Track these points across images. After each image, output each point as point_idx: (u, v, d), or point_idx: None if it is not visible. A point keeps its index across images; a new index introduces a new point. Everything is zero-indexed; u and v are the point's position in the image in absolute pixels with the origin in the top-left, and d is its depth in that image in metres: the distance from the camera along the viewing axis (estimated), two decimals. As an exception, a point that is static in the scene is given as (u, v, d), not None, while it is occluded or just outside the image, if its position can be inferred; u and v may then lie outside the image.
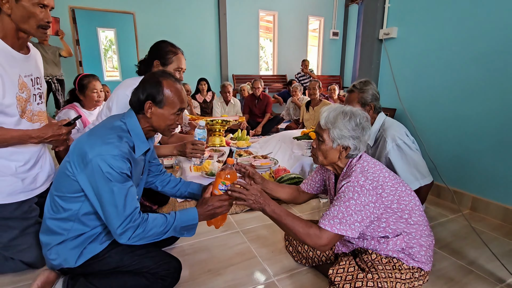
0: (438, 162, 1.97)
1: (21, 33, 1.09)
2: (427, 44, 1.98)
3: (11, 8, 1.01)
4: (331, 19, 7.26)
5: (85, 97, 2.01)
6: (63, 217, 0.97)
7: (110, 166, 0.88)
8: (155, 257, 1.08)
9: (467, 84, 1.78)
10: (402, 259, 1.01)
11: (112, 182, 0.89)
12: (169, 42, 1.49)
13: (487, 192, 1.74)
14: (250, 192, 1.01)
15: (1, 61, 1.02)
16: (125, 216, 0.91)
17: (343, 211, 0.95)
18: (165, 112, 1.01)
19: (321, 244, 0.95)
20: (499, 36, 1.61)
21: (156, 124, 1.03)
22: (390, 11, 2.19)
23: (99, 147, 0.89)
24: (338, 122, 1.00)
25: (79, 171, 0.91)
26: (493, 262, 1.27)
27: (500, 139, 1.65)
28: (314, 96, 3.47)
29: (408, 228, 1.01)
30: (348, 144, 1.01)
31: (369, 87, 1.54)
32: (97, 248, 1.03)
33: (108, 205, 0.90)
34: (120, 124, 0.99)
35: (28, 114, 1.14)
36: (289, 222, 0.99)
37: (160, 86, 1.00)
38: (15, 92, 1.07)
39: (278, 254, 1.37)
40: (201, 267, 1.28)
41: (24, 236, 1.16)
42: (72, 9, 4.78)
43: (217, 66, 6.19)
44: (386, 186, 0.98)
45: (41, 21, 1.06)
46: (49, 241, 1.00)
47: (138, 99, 1.00)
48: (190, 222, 1.03)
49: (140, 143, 1.01)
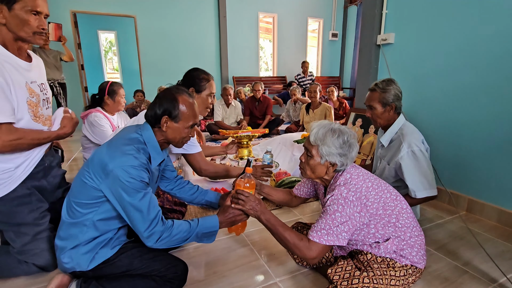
0: (435, 164, 2.02)
1: (20, 42, 1.12)
2: (424, 50, 2.03)
3: (5, 18, 1.04)
4: (330, 20, 7.31)
5: (113, 102, 2.16)
6: (79, 221, 1.03)
7: (131, 176, 0.94)
8: (163, 260, 1.13)
9: (463, 90, 1.83)
10: (395, 258, 1.07)
11: (135, 190, 0.95)
12: (201, 69, 1.61)
13: (483, 194, 1.80)
14: (249, 199, 1.10)
15: (8, 70, 1.05)
16: (150, 220, 0.98)
17: (329, 224, 1.01)
18: (179, 126, 1.08)
19: (311, 256, 1.02)
20: (495, 43, 1.66)
21: (171, 137, 1.10)
22: (388, 18, 2.25)
23: (119, 158, 0.95)
24: (327, 139, 1.06)
25: (100, 181, 0.97)
26: (487, 263, 1.32)
27: (495, 144, 1.70)
28: (314, 99, 3.52)
29: (396, 232, 1.07)
30: (335, 161, 1.07)
31: (391, 87, 1.51)
32: (108, 253, 1.08)
33: (133, 211, 0.96)
34: (137, 136, 1.05)
35: (41, 119, 1.20)
36: (281, 232, 1.06)
37: (176, 102, 1.06)
38: (26, 97, 1.11)
39: (280, 256, 1.42)
40: (206, 269, 1.33)
41: (37, 241, 1.22)
42: (73, 13, 4.83)
43: (217, 68, 6.24)
44: (369, 195, 1.04)
45: (35, 28, 1.09)
46: (63, 245, 1.06)
47: (154, 114, 1.06)
48: (211, 229, 1.11)
49: (156, 154, 1.08)
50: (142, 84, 5.57)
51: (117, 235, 1.14)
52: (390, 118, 1.55)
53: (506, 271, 1.27)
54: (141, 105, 4.66)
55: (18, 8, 1.03)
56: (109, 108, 2.19)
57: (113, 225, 1.09)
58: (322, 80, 7.32)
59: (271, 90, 6.62)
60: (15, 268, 1.22)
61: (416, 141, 1.46)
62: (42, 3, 1.09)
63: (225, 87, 4.17)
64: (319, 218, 1.06)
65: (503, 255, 1.42)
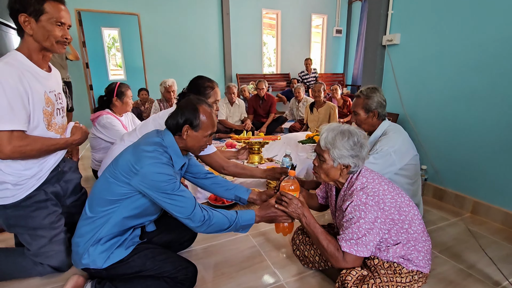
0: (439, 166, 2.04)
1: (44, 51, 1.17)
2: (429, 51, 2.02)
3: (33, 29, 1.10)
4: (335, 16, 7.25)
5: (122, 103, 2.21)
6: (100, 217, 1.09)
7: (159, 172, 1.02)
8: (174, 262, 1.17)
9: (468, 92, 1.83)
10: (402, 263, 1.08)
11: (165, 183, 1.03)
12: (206, 77, 1.65)
13: (488, 196, 1.81)
14: (291, 202, 1.15)
15: (28, 78, 1.10)
16: (193, 205, 1.07)
17: (356, 232, 1.02)
18: (199, 135, 1.14)
19: (346, 267, 1.04)
20: (500, 46, 1.65)
21: (190, 145, 1.15)
22: (393, 18, 2.23)
23: (146, 159, 1.02)
24: (337, 143, 1.07)
25: (130, 179, 1.03)
26: (491, 266, 1.33)
27: (500, 146, 1.70)
28: (318, 98, 3.52)
29: (408, 238, 1.08)
30: (348, 163, 1.08)
31: (375, 94, 1.58)
32: (123, 253, 1.13)
33: (170, 201, 1.04)
34: (159, 140, 1.11)
35: (54, 127, 1.23)
36: (320, 239, 1.09)
37: (197, 112, 1.12)
38: (42, 106, 1.15)
39: (287, 257, 1.45)
40: (215, 271, 1.36)
41: (52, 243, 1.25)
42: (78, 11, 4.84)
43: (221, 65, 6.23)
44: (386, 198, 1.05)
45: (59, 38, 1.14)
46: (82, 241, 1.10)
47: (176, 123, 1.12)
48: (248, 222, 1.18)
49: (177, 158, 1.14)
50: (146, 82, 5.59)
51: (131, 236, 1.19)
52: (374, 124, 1.62)
53: (509, 274, 1.29)
54: (145, 104, 4.67)
55: (44, 19, 1.10)
56: (117, 110, 2.23)
57: (131, 223, 1.14)
58: (325, 77, 7.29)
59: (274, 87, 6.61)
60: (30, 269, 1.27)
61: (388, 145, 1.52)
62: (66, 14, 1.14)
63: (229, 86, 4.18)
64: (344, 228, 1.06)
65: (508, 258, 1.43)
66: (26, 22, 1.09)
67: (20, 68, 1.08)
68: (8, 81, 1.02)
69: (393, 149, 1.56)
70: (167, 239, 1.39)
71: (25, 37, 1.13)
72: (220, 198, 1.98)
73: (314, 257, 1.33)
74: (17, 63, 1.09)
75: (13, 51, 1.13)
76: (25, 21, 1.08)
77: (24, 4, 1.06)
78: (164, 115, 1.57)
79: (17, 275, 1.28)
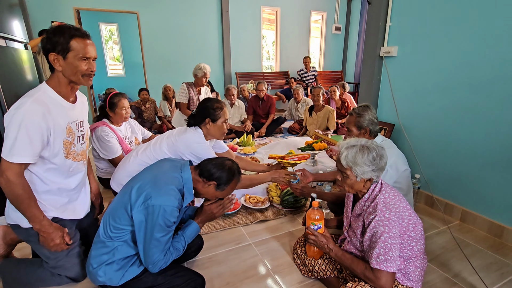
0: (431, 176, 2.14)
1: (72, 84, 1.26)
2: (425, 65, 2.10)
3: (61, 66, 1.19)
4: (334, 13, 7.24)
5: (115, 114, 2.20)
6: (114, 241, 1.18)
7: (166, 217, 1.11)
8: (184, 276, 1.27)
9: (460, 107, 1.91)
10: (398, 278, 1.17)
11: (164, 227, 1.12)
12: (213, 99, 1.72)
13: (475, 206, 1.92)
14: (318, 239, 1.31)
15: (53, 113, 1.18)
16: (164, 250, 1.15)
17: (383, 247, 1.07)
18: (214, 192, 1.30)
19: (381, 284, 1.07)
20: (491, 65, 1.73)
21: (202, 192, 1.31)
22: (391, 30, 2.29)
23: (162, 197, 1.11)
24: (358, 160, 1.14)
25: (138, 209, 1.12)
26: (475, 275, 1.45)
27: (488, 159, 1.80)
28: (317, 102, 3.59)
29: (411, 255, 1.17)
30: (370, 176, 1.16)
31: (366, 113, 1.68)
32: (136, 271, 1.23)
33: (152, 242, 1.12)
34: (178, 177, 1.21)
35: (73, 155, 1.31)
36: (350, 265, 1.19)
37: (230, 181, 1.28)
38: (63, 137, 1.24)
39: (288, 267, 1.56)
40: (220, 280, 1.46)
41: (69, 257, 1.35)
42: (77, 10, 4.81)
43: (220, 64, 6.25)
44: (405, 215, 1.13)
45: (84, 72, 1.23)
46: (99, 261, 1.20)
47: (208, 175, 1.26)
48: (195, 233, 1.33)
49: (189, 195, 1.24)
50: (146, 81, 5.61)
51: None
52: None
53: (491, 283, 1.41)
54: (146, 103, 4.72)
55: (71, 56, 1.18)
56: (114, 120, 2.24)
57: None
58: (324, 75, 7.33)
59: (273, 85, 6.65)
60: (48, 280, 1.37)
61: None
62: (91, 48, 1.22)
63: (228, 88, 4.23)
64: (371, 246, 1.12)
65: (490, 267, 1.55)
66: (55, 60, 1.18)
67: (48, 103, 1.17)
68: (33, 119, 1.11)
69: (389, 164, 1.65)
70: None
71: (55, 72, 1.22)
72: None
73: (314, 266, 1.44)
74: (45, 99, 1.17)
75: (43, 85, 1.22)
76: (54, 59, 1.18)
77: (53, 44, 1.15)
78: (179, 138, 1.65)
79: (36, 285, 1.37)
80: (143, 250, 1.14)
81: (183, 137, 1.65)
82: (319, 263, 1.43)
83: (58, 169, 1.26)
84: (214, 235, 1.85)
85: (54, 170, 1.26)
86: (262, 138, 4.28)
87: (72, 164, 1.32)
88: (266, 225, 1.97)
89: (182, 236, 1.27)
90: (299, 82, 6.35)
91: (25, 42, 1.99)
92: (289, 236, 1.83)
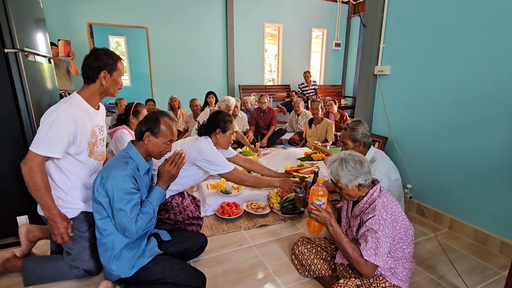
0: (421, 186, 2.29)
1: (103, 95, 1.49)
2: (415, 84, 2.28)
3: (107, 82, 1.42)
4: (334, 30, 7.54)
5: (137, 121, 2.44)
6: (106, 234, 1.33)
7: (120, 186, 1.25)
8: (188, 272, 1.40)
9: (447, 123, 2.08)
10: (387, 276, 1.29)
11: (123, 195, 1.25)
12: (224, 112, 1.89)
13: (462, 214, 2.05)
14: (321, 213, 1.35)
15: (82, 118, 1.38)
16: (132, 217, 1.28)
17: (376, 242, 1.21)
18: (152, 141, 1.40)
19: (366, 272, 1.23)
20: (474, 84, 1.90)
21: (151, 150, 1.40)
22: (385, 51, 2.49)
23: (111, 171, 1.27)
24: (340, 172, 1.30)
25: (99, 192, 1.28)
26: (459, 277, 1.57)
27: (473, 171, 1.95)
28: (316, 115, 3.78)
29: (401, 256, 1.30)
30: (358, 182, 1.30)
31: (359, 127, 1.86)
32: (145, 261, 1.38)
33: (119, 212, 1.26)
34: (124, 154, 1.36)
35: (95, 154, 1.51)
36: (345, 246, 1.27)
37: (158, 121, 1.38)
38: (88, 138, 1.43)
39: (286, 266, 1.69)
40: (224, 277, 1.59)
41: (88, 249, 1.50)
42: (90, 24, 5.09)
43: (224, 77, 6.50)
44: (399, 219, 1.27)
45: (119, 86, 1.49)
46: (106, 258, 1.35)
47: (140, 131, 1.38)
48: (159, 196, 1.41)
49: (142, 163, 1.38)
50: (153, 93, 5.83)
51: (149, 246, 1.43)
52: (362, 152, 1.88)
53: (472, 285, 1.53)
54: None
55: (115, 74, 1.44)
56: (134, 127, 2.46)
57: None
58: (324, 89, 7.57)
59: (275, 98, 6.88)
60: (67, 272, 1.50)
61: (375, 171, 1.80)
62: (123, 68, 1.50)
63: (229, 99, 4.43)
64: (365, 239, 1.23)
65: (473, 270, 1.68)
66: (105, 77, 1.41)
67: (78, 109, 1.38)
68: (64, 122, 1.30)
69: (382, 173, 1.82)
70: (183, 247, 1.63)
71: (91, 85, 1.43)
72: (227, 211, 2.21)
73: (310, 266, 1.57)
74: (76, 106, 1.38)
75: (74, 94, 1.43)
76: (104, 76, 1.40)
77: (105, 63, 1.39)
78: (191, 146, 1.81)
79: (57, 278, 1.51)
80: (116, 223, 1.28)
81: (195, 144, 1.82)
82: (315, 263, 1.57)
83: (83, 165, 1.45)
84: (218, 237, 1.98)
85: (80, 166, 1.44)
86: (263, 149, 4.44)
87: (94, 163, 1.51)
88: (266, 229, 2.10)
89: (148, 201, 1.37)
90: (300, 95, 6.58)
91: (49, 57, 2.19)
92: (287, 240, 1.96)
